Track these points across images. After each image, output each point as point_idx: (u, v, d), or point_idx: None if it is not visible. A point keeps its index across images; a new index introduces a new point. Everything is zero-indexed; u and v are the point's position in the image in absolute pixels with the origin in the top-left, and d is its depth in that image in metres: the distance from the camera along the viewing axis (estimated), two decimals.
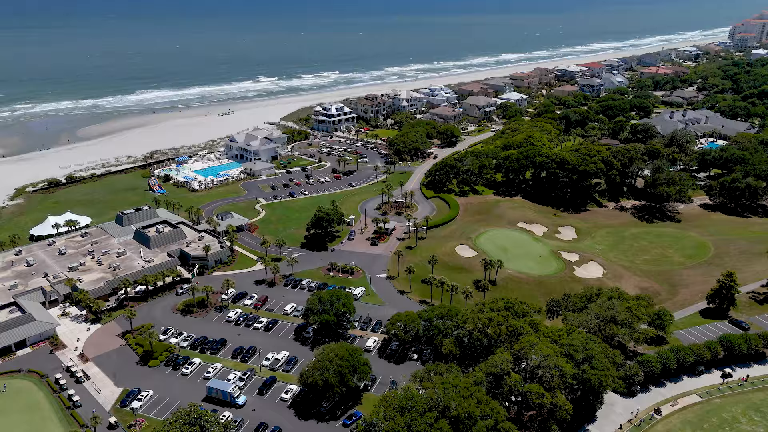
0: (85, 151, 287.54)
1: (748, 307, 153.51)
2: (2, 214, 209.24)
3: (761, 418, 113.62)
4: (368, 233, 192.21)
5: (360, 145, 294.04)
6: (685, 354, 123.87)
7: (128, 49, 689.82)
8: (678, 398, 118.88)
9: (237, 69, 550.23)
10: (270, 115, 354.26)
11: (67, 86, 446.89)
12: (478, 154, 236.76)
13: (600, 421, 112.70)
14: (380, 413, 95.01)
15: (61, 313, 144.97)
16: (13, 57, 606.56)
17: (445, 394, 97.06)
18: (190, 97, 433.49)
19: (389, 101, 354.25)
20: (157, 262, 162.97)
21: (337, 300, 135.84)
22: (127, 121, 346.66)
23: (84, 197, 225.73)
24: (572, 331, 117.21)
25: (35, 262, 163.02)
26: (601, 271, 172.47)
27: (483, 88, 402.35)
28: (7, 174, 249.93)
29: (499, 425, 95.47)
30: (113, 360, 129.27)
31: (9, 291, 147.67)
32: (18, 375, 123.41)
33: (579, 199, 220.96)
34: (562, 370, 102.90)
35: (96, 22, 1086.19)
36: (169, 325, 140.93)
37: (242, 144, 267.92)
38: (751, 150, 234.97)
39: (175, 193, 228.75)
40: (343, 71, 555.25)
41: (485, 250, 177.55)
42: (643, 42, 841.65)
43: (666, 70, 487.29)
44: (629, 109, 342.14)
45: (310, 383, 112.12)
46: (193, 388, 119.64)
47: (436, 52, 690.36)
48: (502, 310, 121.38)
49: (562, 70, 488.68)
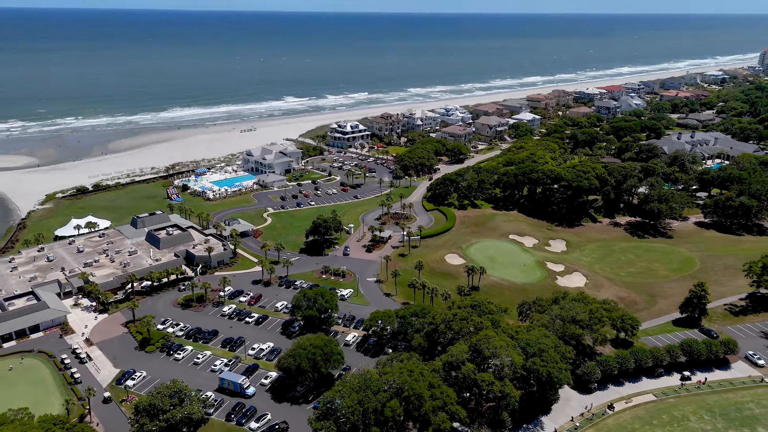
0: (114, 162, 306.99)
1: (722, 318, 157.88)
2: (32, 217, 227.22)
3: (711, 417, 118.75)
4: (365, 241, 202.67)
5: (371, 161, 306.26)
6: (643, 356, 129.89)
7: (166, 71, 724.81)
8: (633, 396, 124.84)
9: (266, 89, 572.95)
10: (290, 132, 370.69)
11: (106, 104, 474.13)
12: (479, 170, 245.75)
13: (554, 413, 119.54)
14: (338, 392, 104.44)
15: (74, 303, 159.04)
16: (60, 77, 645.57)
17: (400, 377, 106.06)
18: (219, 115, 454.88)
19: (404, 120, 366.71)
20: (164, 261, 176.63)
21: (321, 297, 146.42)
22: (155, 136, 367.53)
23: (107, 203, 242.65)
24: (533, 329, 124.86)
25: (55, 258, 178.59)
26: (583, 281, 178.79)
27: (498, 108, 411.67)
28: (40, 181, 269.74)
29: (448, 407, 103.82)
30: (115, 345, 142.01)
31: (29, 282, 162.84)
32: (29, 354, 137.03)
33: (574, 215, 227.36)
34: (512, 361, 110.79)
35: (139, 46, 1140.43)
36: (168, 317, 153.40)
37: (258, 158, 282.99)
38: (750, 170, 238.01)
39: (191, 201, 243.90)
40: (369, 92, 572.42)
41: (473, 259, 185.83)
42: (674, 66, 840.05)
43: (686, 94, 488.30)
44: (640, 131, 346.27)
45: (285, 368, 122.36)
46: (182, 371, 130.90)
47: (461, 74, 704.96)
48: (468, 308, 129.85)
49: (581, 92, 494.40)
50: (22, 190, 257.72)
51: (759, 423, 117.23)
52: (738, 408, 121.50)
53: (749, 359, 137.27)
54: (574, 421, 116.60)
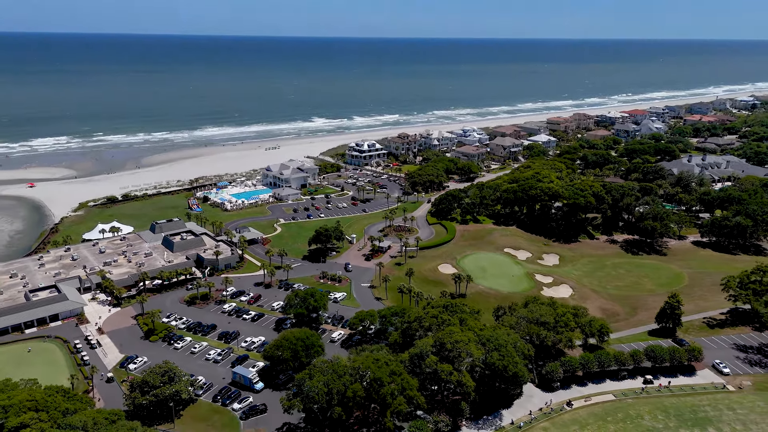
0: (144, 175, 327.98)
1: (698, 330, 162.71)
2: (64, 222, 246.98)
3: (665, 417, 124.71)
4: (365, 250, 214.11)
5: (384, 178, 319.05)
6: (607, 359, 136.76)
7: (205, 92, 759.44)
8: (593, 396, 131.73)
9: (297, 111, 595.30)
10: (312, 150, 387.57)
11: (144, 122, 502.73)
12: (482, 187, 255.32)
13: (515, 408, 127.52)
14: (307, 374, 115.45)
15: (92, 297, 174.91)
16: (106, 97, 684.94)
17: (364, 364, 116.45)
18: (249, 134, 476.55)
19: (421, 140, 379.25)
20: (175, 263, 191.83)
21: (311, 297, 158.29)
22: (184, 152, 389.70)
23: (133, 212, 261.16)
24: (499, 328, 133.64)
25: (79, 257, 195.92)
26: (569, 292, 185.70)
27: (516, 130, 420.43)
28: (75, 191, 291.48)
29: (406, 392, 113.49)
30: (123, 334, 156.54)
31: (53, 277, 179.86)
32: (47, 339, 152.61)
33: (571, 231, 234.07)
34: (471, 354, 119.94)
35: (182, 68, 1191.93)
36: (174, 312, 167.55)
37: (276, 173, 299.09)
38: (751, 191, 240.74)
39: (210, 211, 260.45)
40: (396, 114, 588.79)
41: (465, 269, 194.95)
42: (711, 92, 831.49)
43: (711, 119, 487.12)
44: (654, 153, 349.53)
45: (269, 356, 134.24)
46: (180, 358, 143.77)
47: (489, 98, 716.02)
48: (441, 308, 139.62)
49: (603, 116, 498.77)
50: (59, 198, 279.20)
51: (711, 424, 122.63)
52: (693, 410, 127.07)
53: (715, 367, 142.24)
54: (532, 415, 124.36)
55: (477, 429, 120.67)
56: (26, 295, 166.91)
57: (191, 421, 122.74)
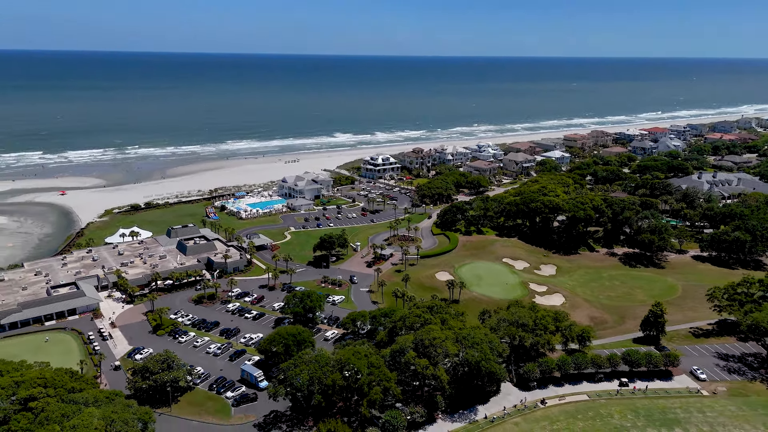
0: (168, 185, 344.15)
1: (683, 339, 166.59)
2: (89, 227, 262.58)
3: (634, 416, 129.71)
4: (368, 258, 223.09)
5: (395, 191, 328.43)
6: (583, 361, 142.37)
7: (234, 107, 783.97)
8: (568, 395, 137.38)
9: (320, 126, 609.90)
10: (330, 164, 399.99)
11: (173, 136, 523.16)
12: (486, 200, 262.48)
13: (491, 404, 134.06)
14: (292, 363, 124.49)
15: (108, 295, 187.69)
16: (139, 112, 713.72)
17: (344, 356, 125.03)
18: (272, 148, 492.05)
19: (436, 155, 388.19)
20: (187, 265, 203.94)
21: (308, 298, 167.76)
22: (208, 164, 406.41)
23: (154, 218, 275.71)
24: (479, 328, 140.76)
25: (98, 258, 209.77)
26: (561, 301, 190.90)
27: (531, 146, 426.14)
28: (103, 199, 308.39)
29: (383, 383, 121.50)
30: (133, 328, 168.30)
31: (74, 275, 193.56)
32: (64, 331, 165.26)
33: (572, 243, 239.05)
34: (446, 350, 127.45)
35: (213, 85, 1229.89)
36: (181, 310, 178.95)
37: (291, 184, 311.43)
38: (754, 207, 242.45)
39: (226, 219, 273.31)
40: (418, 129, 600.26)
41: (461, 277, 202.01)
42: (743, 110, 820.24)
43: (732, 137, 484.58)
44: (667, 170, 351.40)
45: (263, 350, 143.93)
46: (183, 351, 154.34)
47: (510, 115, 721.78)
48: (425, 308, 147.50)
49: (621, 134, 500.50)
50: (87, 205, 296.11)
51: (679, 425, 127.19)
52: (663, 411, 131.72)
53: (693, 374, 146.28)
54: (506, 411, 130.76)
55: (452, 421, 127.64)
56: (48, 290, 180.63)
57: (187, 406, 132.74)
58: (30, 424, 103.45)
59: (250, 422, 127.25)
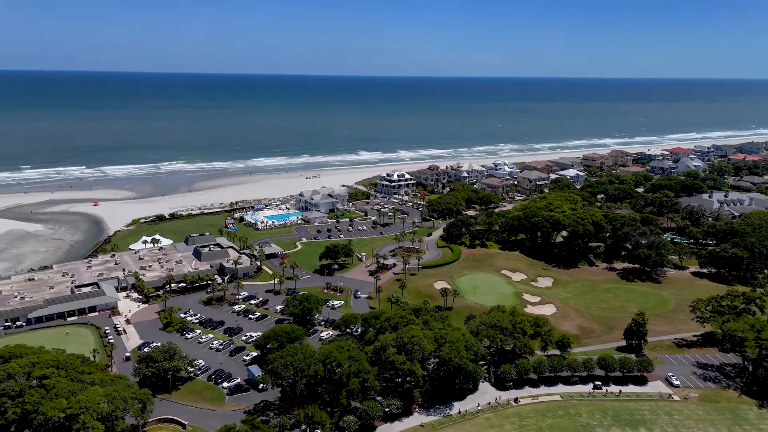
0: (193, 198, 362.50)
1: (666, 348, 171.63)
2: (117, 235, 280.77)
3: (602, 416, 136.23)
4: (372, 267, 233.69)
5: (408, 206, 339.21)
6: (559, 364, 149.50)
7: (267, 126, 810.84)
8: (541, 396, 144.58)
9: (345, 144, 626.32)
10: (348, 180, 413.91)
11: (203, 152, 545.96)
12: (491, 214, 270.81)
13: (467, 401, 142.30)
14: (279, 355, 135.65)
15: (126, 295, 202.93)
16: (172, 129, 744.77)
17: (328, 349, 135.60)
18: (297, 165, 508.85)
19: (452, 172, 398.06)
20: (200, 269, 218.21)
21: (306, 300, 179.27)
22: (232, 179, 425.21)
23: (177, 228, 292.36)
24: (458, 329, 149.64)
25: (120, 262, 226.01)
26: (552, 310, 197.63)
27: (548, 165, 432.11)
28: (131, 209, 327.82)
29: (362, 375, 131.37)
30: (146, 325, 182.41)
31: (96, 277, 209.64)
32: (83, 325, 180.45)
33: (572, 258, 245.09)
34: (423, 348, 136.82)
35: (244, 104, 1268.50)
36: (191, 309, 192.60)
37: (307, 198, 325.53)
38: (755, 225, 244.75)
39: (244, 230, 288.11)
40: (443, 148, 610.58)
41: (458, 286, 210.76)
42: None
43: (755, 158, 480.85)
44: (681, 189, 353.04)
45: (259, 345, 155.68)
46: (188, 345, 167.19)
47: (534, 135, 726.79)
48: (410, 310, 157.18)
49: (642, 153, 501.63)
50: (116, 216, 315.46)
51: (644, 425, 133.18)
52: (631, 413, 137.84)
53: (667, 380, 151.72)
54: (479, 407, 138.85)
55: (427, 415, 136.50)
56: (71, 289, 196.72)
57: (186, 393, 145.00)
58: (42, 398, 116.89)
59: (241, 409, 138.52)
